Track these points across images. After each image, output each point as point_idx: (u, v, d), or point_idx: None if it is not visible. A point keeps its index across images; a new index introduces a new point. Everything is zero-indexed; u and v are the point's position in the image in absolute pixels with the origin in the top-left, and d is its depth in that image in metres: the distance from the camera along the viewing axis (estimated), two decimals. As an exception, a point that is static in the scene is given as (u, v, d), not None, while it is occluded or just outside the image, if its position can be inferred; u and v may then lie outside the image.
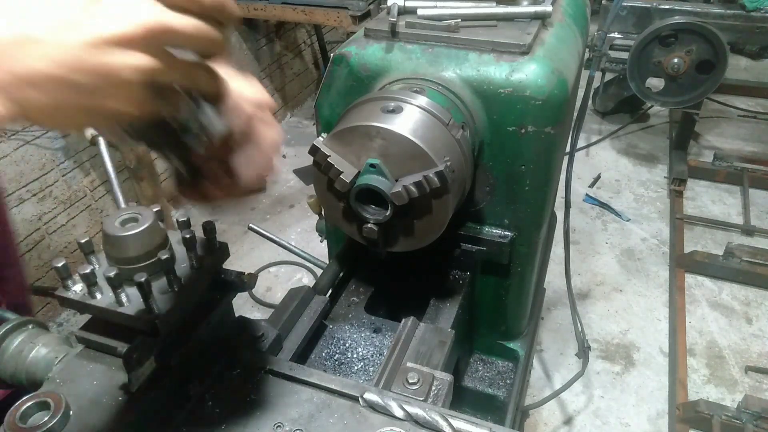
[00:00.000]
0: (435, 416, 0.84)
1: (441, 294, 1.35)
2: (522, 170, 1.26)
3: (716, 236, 3.56)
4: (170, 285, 0.82)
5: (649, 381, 2.74)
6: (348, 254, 1.42)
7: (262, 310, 3.13)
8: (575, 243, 3.49)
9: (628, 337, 2.96)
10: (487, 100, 1.20)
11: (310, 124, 4.84)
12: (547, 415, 2.60)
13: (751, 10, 3.06)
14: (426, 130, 1.06)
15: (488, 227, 1.37)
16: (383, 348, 1.23)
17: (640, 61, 3.16)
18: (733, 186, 3.96)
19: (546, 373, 2.78)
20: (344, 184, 1.06)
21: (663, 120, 4.77)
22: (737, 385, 2.69)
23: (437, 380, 0.97)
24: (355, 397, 0.89)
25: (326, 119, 1.36)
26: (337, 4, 3.58)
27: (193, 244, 0.85)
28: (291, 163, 4.35)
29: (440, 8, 1.28)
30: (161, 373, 0.87)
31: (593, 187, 4.07)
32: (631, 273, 3.35)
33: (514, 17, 1.29)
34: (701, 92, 3.21)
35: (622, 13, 3.18)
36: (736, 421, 2.32)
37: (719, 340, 2.91)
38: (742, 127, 4.65)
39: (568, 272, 2.21)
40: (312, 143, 1.08)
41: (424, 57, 1.24)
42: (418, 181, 1.01)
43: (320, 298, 1.25)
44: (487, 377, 1.61)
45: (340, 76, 1.31)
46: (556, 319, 3.04)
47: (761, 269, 3.13)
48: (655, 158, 4.38)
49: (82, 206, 3.07)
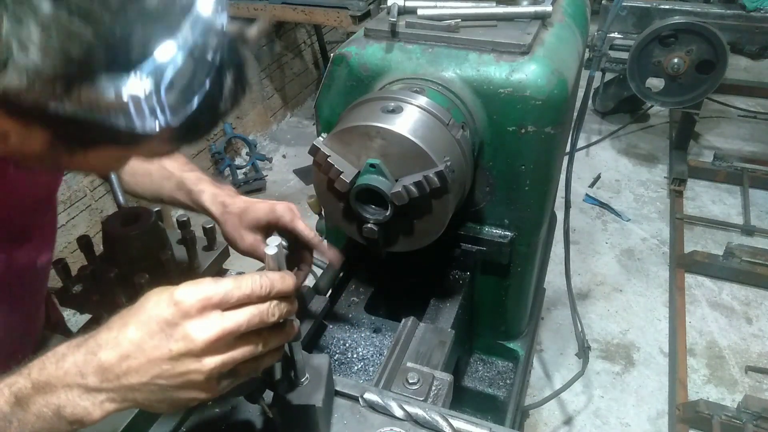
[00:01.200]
0: (435, 416, 0.84)
1: (441, 294, 1.35)
2: (522, 170, 1.26)
3: (716, 236, 3.55)
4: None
5: (649, 381, 2.74)
6: (348, 254, 1.42)
7: (262, 310, 3.12)
8: (575, 243, 3.49)
9: (628, 337, 2.96)
10: (487, 100, 1.20)
11: (310, 124, 4.84)
12: (547, 415, 2.60)
13: (751, 10, 3.06)
14: (426, 130, 1.06)
15: (488, 227, 1.37)
16: (383, 348, 1.23)
17: (640, 61, 3.16)
18: (733, 186, 3.95)
19: (546, 373, 2.78)
20: (344, 184, 1.06)
21: (663, 120, 4.77)
22: (737, 385, 2.69)
23: (437, 380, 0.97)
24: (355, 397, 0.89)
25: (326, 119, 1.36)
26: (337, 4, 3.57)
27: (193, 244, 0.86)
28: (291, 163, 4.35)
29: (440, 8, 1.28)
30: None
31: (593, 187, 4.07)
32: (631, 273, 3.35)
33: (514, 17, 1.29)
34: (701, 92, 3.21)
35: (622, 13, 3.18)
36: (736, 421, 2.32)
37: (719, 340, 2.91)
38: (742, 127, 4.65)
39: (568, 272, 2.21)
40: (312, 143, 1.08)
41: (424, 57, 1.24)
42: (418, 181, 1.01)
43: (320, 298, 1.25)
44: (487, 377, 1.61)
45: (340, 76, 1.31)
46: (556, 319, 3.04)
47: (761, 269, 3.13)
48: (655, 158, 4.38)
49: (82, 206, 3.06)
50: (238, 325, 0.64)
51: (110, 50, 0.52)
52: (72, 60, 0.51)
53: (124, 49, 0.53)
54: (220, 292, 0.64)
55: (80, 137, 0.60)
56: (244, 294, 0.65)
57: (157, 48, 0.55)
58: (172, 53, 0.55)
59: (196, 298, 0.63)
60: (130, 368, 0.63)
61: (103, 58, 0.52)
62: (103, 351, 0.63)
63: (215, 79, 0.60)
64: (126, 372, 0.63)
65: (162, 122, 0.57)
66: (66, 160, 0.66)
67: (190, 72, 0.57)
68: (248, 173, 4.17)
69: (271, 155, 4.39)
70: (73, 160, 0.65)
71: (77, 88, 0.53)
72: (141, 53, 0.54)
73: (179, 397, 0.66)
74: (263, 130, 4.66)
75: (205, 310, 0.63)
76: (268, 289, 0.66)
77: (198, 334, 0.62)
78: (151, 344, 0.63)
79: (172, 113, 0.57)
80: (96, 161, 0.67)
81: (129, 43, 0.53)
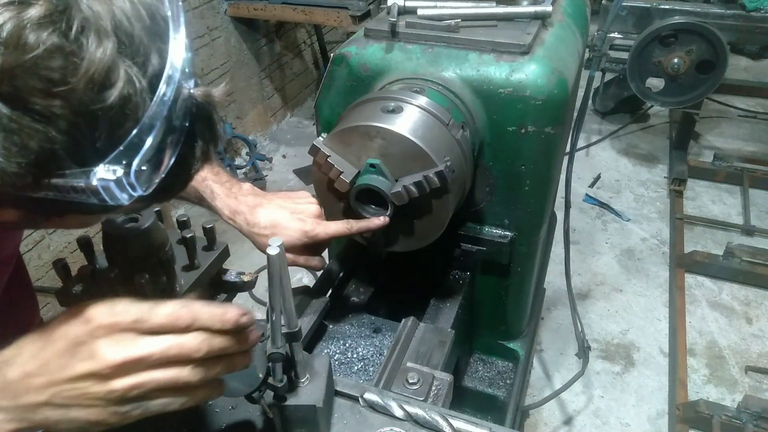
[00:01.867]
0: (435, 416, 0.84)
1: (441, 294, 1.35)
2: (522, 170, 1.26)
3: (716, 236, 3.56)
4: (170, 285, 0.82)
5: (649, 381, 2.74)
6: (348, 254, 1.42)
7: (262, 310, 3.12)
8: (575, 243, 3.49)
9: (628, 337, 2.96)
10: (487, 100, 1.20)
11: (310, 124, 4.83)
12: (547, 415, 2.60)
13: (751, 10, 3.06)
14: (426, 130, 1.06)
15: (488, 227, 1.37)
16: (383, 348, 1.22)
17: (640, 61, 3.16)
18: (733, 186, 3.95)
19: (546, 373, 2.78)
20: (344, 184, 1.06)
21: (663, 120, 4.77)
22: (737, 385, 2.69)
23: (437, 380, 0.97)
24: (355, 397, 0.89)
25: (326, 119, 1.36)
26: (337, 4, 3.57)
27: (193, 244, 0.85)
28: (291, 163, 4.35)
29: (440, 8, 1.28)
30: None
31: (593, 187, 4.07)
32: (631, 273, 3.35)
33: (514, 17, 1.29)
34: (701, 92, 3.21)
35: (622, 13, 3.18)
36: (736, 421, 2.32)
37: (719, 340, 2.91)
38: (742, 127, 4.65)
39: (568, 272, 2.21)
40: (312, 143, 1.08)
41: (424, 57, 1.24)
42: (418, 181, 1.01)
43: (320, 298, 1.25)
44: (487, 377, 1.61)
45: (340, 76, 1.31)
46: (556, 319, 3.04)
47: (761, 269, 3.13)
48: (655, 158, 4.38)
49: (82, 206, 3.06)
50: (148, 353, 0.61)
51: (75, 147, 0.52)
52: (36, 159, 0.50)
53: (90, 145, 0.53)
54: (132, 315, 0.61)
55: (55, 211, 0.60)
56: (158, 322, 0.62)
57: (125, 138, 0.53)
58: (139, 139, 0.54)
59: (108, 318, 0.61)
60: (30, 387, 0.61)
61: (69, 155, 0.52)
62: (9, 368, 0.61)
63: (186, 144, 0.59)
64: (25, 390, 0.61)
65: (135, 195, 0.55)
66: (42, 223, 0.65)
67: (159, 148, 0.56)
68: (248, 173, 4.17)
69: (271, 155, 4.39)
70: (49, 222, 0.64)
71: (45, 181, 0.53)
72: (108, 146, 0.53)
73: (79, 418, 0.62)
74: (263, 130, 4.66)
75: (116, 331, 0.61)
76: (187, 322, 0.63)
77: (106, 354, 0.60)
78: (57, 363, 0.61)
79: (143, 185, 0.56)
80: (72, 222, 0.66)
81: (94, 138, 0.52)
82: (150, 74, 0.54)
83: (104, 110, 0.52)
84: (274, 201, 1.18)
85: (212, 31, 3.87)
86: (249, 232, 1.16)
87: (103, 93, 0.51)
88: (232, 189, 1.19)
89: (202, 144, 0.63)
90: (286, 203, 1.18)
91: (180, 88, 0.56)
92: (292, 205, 1.18)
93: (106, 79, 0.51)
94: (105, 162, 0.53)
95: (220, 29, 3.94)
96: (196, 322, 0.64)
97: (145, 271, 0.79)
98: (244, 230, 1.17)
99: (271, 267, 0.69)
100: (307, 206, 1.18)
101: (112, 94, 0.51)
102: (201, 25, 3.76)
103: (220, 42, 3.97)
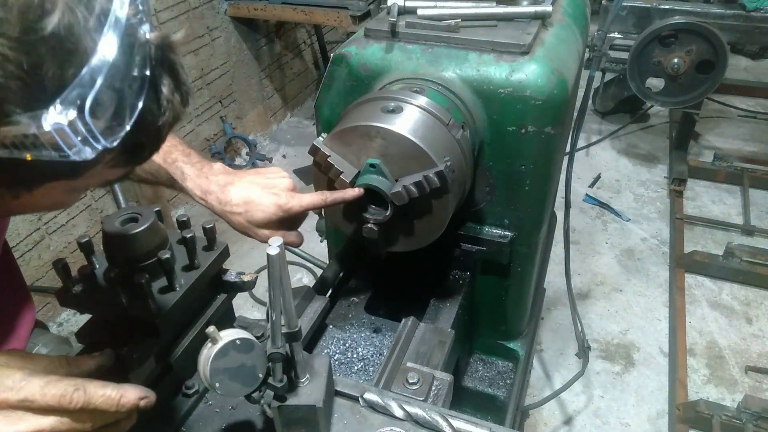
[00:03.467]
0: (435, 416, 0.84)
1: (441, 294, 1.35)
2: (522, 170, 1.26)
3: (716, 236, 3.56)
4: (170, 285, 0.82)
5: (649, 381, 2.74)
6: (348, 254, 1.42)
7: (262, 310, 3.12)
8: (575, 243, 3.49)
9: (628, 337, 2.96)
10: (487, 100, 1.20)
11: (310, 124, 4.83)
12: (547, 415, 2.60)
13: (751, 10, 3.06)
14: (426, 130, 1.06)
15: (488, 227, 1.37)
16: (383, 348, 1.23)
17: (640, 61, 3.16)
18: (733, 186, 3.95)
19: (546, 373, 2.78)
20: (344, 184, 1.06)
21: (663, 120, 4.77)
22: (737, 385, 2.69)
23: (437, 380, 0.97)
24: (355, 397, 0.89)
25: (326, 119, 1.36)
26: (337, 4, 3.57)
27: (193, 244, 0.85)
28: (291, 163, 4.35)
29: (440, 8, 1.28)
30: (161, 372, 0.87)
31: (593, 187, 4.07)
32: (631, 273, 3.35)
33: (514, 17, 1.29)
34: (701, 92, 3.21)
35: (622, 13, 3.18)
36: (736, 421, 2.32)
37: (719, 340, 2.91)
38: (742, 127, 4.65)
39: (568, 272, 2.21)
40: (312, 143, 1.08)
41: (424, 57, 1.24)
42: (418, 181, 1.01)
43: (320, 298, 1.25)
44: (487, 377, 1.61)
45: (340, 76, 1.31)
46: (556, 319, 3.04)
47: (761, 269, 3.13)
48: (655, 158, 4.38)
49: (81, 206, 3.06)
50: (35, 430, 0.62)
51: (22, 89, 0.49)
52: None
53: (37, 85, 0.50)
54: (22, 394, 0.61)
55: (20, 178, 0.56)
56: (47, 404, 0.62)
57: (74, 75, 0.51)
58: (90, 77, 0.51)
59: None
60: None
61: (16, 96, 0.49)
62: None
63: (149, 93, 0.56)
64: None
65: (98, 147, 0.53)
66: (14, 204, 0.62)
67: (115, 92, 0.53)
68: (248, 173, 4.17)
69: (271, 155, 4.39)
70: (20, 202, 0.62)
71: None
72: (56, 84, 0.50)
73: None
74: (263, 130, 4.66)
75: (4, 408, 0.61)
76: (80, 406, 0.63)
77: None
78: None
79: (106, 136, 0.53)
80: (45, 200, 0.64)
81: (40, 77, 0.49)
82: (97, 12, 0.52)
83: (45, 41, 0.48)
84: (246, 177, 1.16)
85: (212, 31, 3.88)
86: (221, 211, 1.14)
87: (40, 21, 0.48)
88: (203, 169, 1.16)
89: (167, 93, 0.60)
90: (257, 179, 1.15)
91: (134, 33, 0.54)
92: (263, 180, 1.15)
93: (40, 5, 0.48)
94: (56, 103, 0.50)
95: (220, 29, 3.94)
96: (89, 406, 0.64)
97: (145, 271, 0.79)
98: (216, 210, 1.14)
99: (271, 267, 0.69)
100: (280, 180, 1.16)
101: (50, 21, 0.48)
102: (201, 25, 3.76)
103: (220, 42, 3.97)
